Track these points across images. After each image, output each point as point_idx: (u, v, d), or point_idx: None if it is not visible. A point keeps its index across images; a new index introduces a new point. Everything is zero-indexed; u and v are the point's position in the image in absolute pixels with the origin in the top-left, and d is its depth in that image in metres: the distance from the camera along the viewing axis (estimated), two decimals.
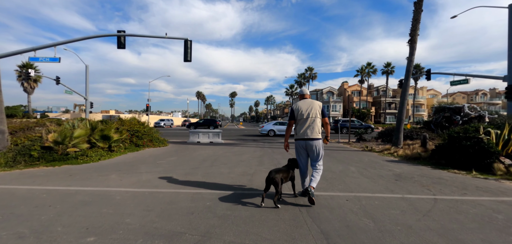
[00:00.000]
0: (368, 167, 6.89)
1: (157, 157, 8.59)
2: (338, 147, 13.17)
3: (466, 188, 4.81)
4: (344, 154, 10.01)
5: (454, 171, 6.41)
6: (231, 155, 9.22)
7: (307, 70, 64.50)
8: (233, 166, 6.83)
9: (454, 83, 22.45)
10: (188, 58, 17.10)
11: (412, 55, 10.55)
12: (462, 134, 7.28)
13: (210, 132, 16.49)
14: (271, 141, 16.41)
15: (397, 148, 10.57)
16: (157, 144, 12.61)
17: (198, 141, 15.94)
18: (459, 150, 7.01)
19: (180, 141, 16.16)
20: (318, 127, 3.90)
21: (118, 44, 16.59)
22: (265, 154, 9.75)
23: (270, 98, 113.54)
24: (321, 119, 3.94)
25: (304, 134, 3.88)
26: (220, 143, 15.26)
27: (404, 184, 5.06)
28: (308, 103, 3.95)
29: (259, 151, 10.83)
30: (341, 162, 7.69)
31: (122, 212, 3.34)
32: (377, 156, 9.43)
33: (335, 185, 4.90)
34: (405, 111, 10.93)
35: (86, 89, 29.47)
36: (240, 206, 3.65)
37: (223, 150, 11.13)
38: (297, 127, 3.98)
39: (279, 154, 9.77)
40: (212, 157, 8.59)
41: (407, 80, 10.73)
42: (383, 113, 62.92)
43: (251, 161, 7.74)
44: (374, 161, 8.09)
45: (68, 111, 57.48)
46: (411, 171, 6.46)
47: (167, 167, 6.60)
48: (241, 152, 10.44)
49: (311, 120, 3.86)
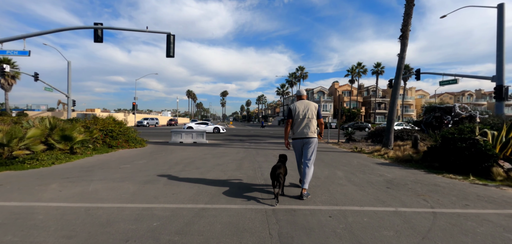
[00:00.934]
0: (356, 171, 6.23)
1: (125, 159, 7.68)
2: (327, 147, 12.57)
3: (467, 197, 4.19)
4: (332, 155, 9.37)
5: (449, 176, 5.83)
6: (210, 158, 8.42)
7: (298, 69, 64.21)
8: (207, 171, 6.03)
9: (443, 83, 22.36)
10: (171, 54, 16.18)
11: (403, 51, 10.02)
12: (457, 135, 6.73)
13: (194, 132, 15.61)
14: (258, 142, 15.68)
15: (388, 149, 10.02)
16: (133, 144, 11.65)
17: (181, 141, 15.03)
18: (454, 152, 6.45)
19: (163, 141, 15.21)
20: (314, 126, 4.14)
21: (95, 37, 15.51)
22: (247, 156, 9.00)
23: (261, 98, 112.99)
24: (317, 120, 4.19)
25: (301, 133, 4.12)
26: (204, 144, 14.43)
27: (396, 192, 4.40)
28: (305, 104, 4.16)
29: (242, 152, 10.06)
30: (328, 165, 7.01)
31: (31, 241, 2.50)
32: (367, 158, 8.83)
33: (318, 195, 4.19)
34: (396, 111, 10.40)
35: (68, 86, 27.99)
36: (196, 228, 2.87)
37: (203, 151, 10.30)
38: (294, 127, 4.19)
39: (263, 156, 9.03)
40: (187, 160, 7.75)
41: (398, 78, 10.20)
42: (373, 113, 63.32)
43: (229, 165, 6.96)
44: (363, 164, 7.46)
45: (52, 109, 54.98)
46: (404, 176, 5.84)
47: (129, 172, 5.74)
48: (223, 153, 9.65)
49: (307, 121, 4.09)
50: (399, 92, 10.34)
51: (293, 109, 4.17)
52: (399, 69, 10.14)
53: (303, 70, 63.88)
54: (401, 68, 10.11)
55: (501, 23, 14.87)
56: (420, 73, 23.90)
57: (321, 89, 65.18)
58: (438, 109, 13.54)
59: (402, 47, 10.04)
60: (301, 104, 4.16)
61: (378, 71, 57.52)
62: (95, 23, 15.49)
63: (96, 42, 15.53)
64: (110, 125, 11.80)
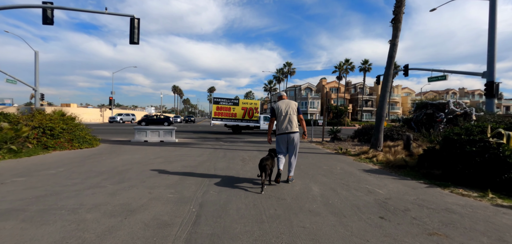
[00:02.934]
0: (339, 185, 4.68)
1: (39, 167, 5.80)
2: (309, 147, 11.07)
3: (503, 238, 2.69)
4: (312, 158, 7.84)
5: (460, 191, 4.37)
6: (161, 162, 6.67)
7: (286, 65, 62.83)
8: (123, 190, 4.29)
9: (432, 79, 21.50)
10: (135, 40, 14.18)
11: (395, 37, 8.59)
12: (464, 136, 5.31)
13: (161, 129, 13.70)
14: (234, 141, 13.99)
15: (377, 150, 8.61)
16: (77, 145, 9.67)
17: (146, 140, 13.11)
18: (462, 159, 5.03)
19: (125, 140, 13.25)
20: (295, 122, 4.59)
21: (44, 19, 13.26)
22: (210, 159, 7.31)
23: (249, 94, 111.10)
24: (297, 116, 4.64)
25: (285, 129, 4.55)
26: (172, 143, 12.63)
27: (396, 229, 2.85)
28: (286, 103, 4.65)
29: (207, 154, 8.37)
30: (304, 174, 5.44)
31: None
32: (352, 162, 7.36)
33: (273, 235, 2.57)
34: (386, 107, 9.00)
35: (35, 78, 25.24)
36: None
37: (160, 153, 8.51)
38: (278, 124, 4.63)
39: (228, 160, 7.37)
40: (122, 168, 5.96)
41: (389, 69, 8.77)
42: (360, 110, 63.08)
43: (169, 179, 5.25)
44: (348, 172, 5.94)
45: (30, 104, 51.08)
46: (401, 192, 4.33)
47: (13, 189, 3.93)
48: (182, 155, 7.92)
49: (289, 117, 4.55)
50: (390, 86, 8.94)
51: (276, 108, 4.64)
52: (391, 58, 8.71)
53: (291, 66, 62.54)
54: (392, 57, 8.68)
55: (493, 17, 13.81)
56: (408, 69, 23.03)
57: (308, 86, 64.18)
58: (430, 105, 12.34)
59: (394, 32, 8.61)
60: (283, 103, 4.64)
61: (365, 68, 57.07)
62: (44, 1, 13.23)
63: (45, 24, 13.30)
64: (52, 121, 9.78)
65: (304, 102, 62.43)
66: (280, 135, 4.60)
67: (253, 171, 5.71)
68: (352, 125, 45.59)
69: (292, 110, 4.57)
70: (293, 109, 4.60)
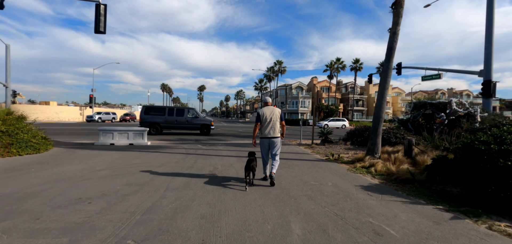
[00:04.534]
0: (331, 219, 3.28)
1: None
2: (296, 152, 9.70)
3: None
4: (298, 168, 6.46)
5: (503, 227, 3.05)
6: (103, 177, 5.11)
7: (276, 63, 61.50)
8: None
9: (425, 78, 20.63)
10: (101, 29, 12.37)
11: (396, 25, 7.30)
12: (494, 145, 4.02)
13: (131, 131, 12.00)
14: (214, 143, 12.48)
15: (374, 158, 7.32)
16: (17, 150, 7.94)
17: (112, 142, 11.42)
18: (495, 176, 3.74)
19: (88, 143, 11.54)
20: (278, 128, 4.95)
21: None
22: (172, 169, 5.80)
23: (240, 93, 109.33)
24: (280, 123, 4.99)
25: (268, 134, 4.86)
26: (143, 146, 11.06)
27: None
28: (270, 109, 4.95)
29: (173, 162, 6.87)
30: (284, 196, 4.03)
31: None
32: (347, 173, 6.02)
33: None
34: (385, 107, 7.71)
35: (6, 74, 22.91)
36: None
37: (118, 161, 6.94)
38: (262, 128, 4.94)
39: (196, 169, 5.89)
40: (45, 187, 4.37)
41: (389, 62, 7.48)
42: (351, 110, 62.58)
43: (102, 197, 3.74)
44: (343, 190, 4.57)
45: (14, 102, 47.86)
46: (421, 231, 2.97)
47: None
48: (140, 165, 6.38)
49: (272, 123, 4.87)
50: (389, 81, 7.65)
51: (261, 115, 4.94)
52: (391, 49, 7.42)
53: (282, 65, 61.25)
54: (393, 48, 7.39)
55: (490, 12, 12.82)
56: (402, 68, 22.13)
57: (299, 84, 63.15)
58: (429, 105, 11.20)
59: (394, 19, 7.32)
60: (267, 110, 4.95)
61: (356, 68, 56.49)
62: None
63: None
64: None
65: (295, 101, 61.34)
66: (263, 139, 4.95)
67: (220, 191, 4.27)
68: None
69: (276, 117, 4.90)
70: (277, 116, 4.93)
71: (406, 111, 13.79)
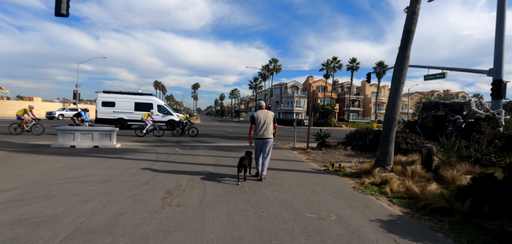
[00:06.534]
0: None
1: None
2: (288, 158, 8.10)
3: None
4: (289, 186, 4.86)
5: None
6: None
7: (272, 61, 59.86)
8: None
9: (428, 77, 19.22)
10: (62, 11, 10.51)
11: (417, 2, 5.73)
12: None
13: (96, 131, 10.21)
14: (194, 147, 10.78)
15: (385, 170, 5.76)
16: None
17: (73, 145, 9.65)
18: None
19: (44, 144, 9.77)
20: (271, 129, 5.43)
21: None
22: (111, 191, 4.14)
23: (235, 92, 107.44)
24: (273, 125, 5.47)
25: (262, 135, 5.33)
26: (110, 149, 9.37)
27: None
28: (264, 113, 5.43)
29: (123, 177, 5.18)
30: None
31: None
32: (354, 194, 4.43)
33: None
34: (399, 106, 6.13)
35: None
36: None
37: (52, 172, 5.21)
38: (257, 130, 5.40)
39: (145, 192, 4.22)
40: None
41: (405, 50, 5.91)
42: (347, 110, 61.42)
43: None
44: (352, 231, 2.99)
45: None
46: None
47: None
48: (74, 180, 4.70)
49: (266, 125, 5.35)
50: (406, 74, 6.07)
51: (256, 117, 5.39)
52: (408, 33, 5.85)
53: (277, 63, 59.62)
54: (411, 31, 5.83)
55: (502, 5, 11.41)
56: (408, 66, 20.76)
57: (295, 84, 61.67)
58: (442, 105, 9.72)
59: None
60: (262, 113, 5.42)
61: (353, 67, 55.31)
62: None
63: None
64: None
65: (290, 101, 59.83)
66: (257, 139, 5.43)
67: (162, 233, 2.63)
68: (339, 126, 43.38)
69: (269, 120, 5.40)
70: (270, 119, 5.42)
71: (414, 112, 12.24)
